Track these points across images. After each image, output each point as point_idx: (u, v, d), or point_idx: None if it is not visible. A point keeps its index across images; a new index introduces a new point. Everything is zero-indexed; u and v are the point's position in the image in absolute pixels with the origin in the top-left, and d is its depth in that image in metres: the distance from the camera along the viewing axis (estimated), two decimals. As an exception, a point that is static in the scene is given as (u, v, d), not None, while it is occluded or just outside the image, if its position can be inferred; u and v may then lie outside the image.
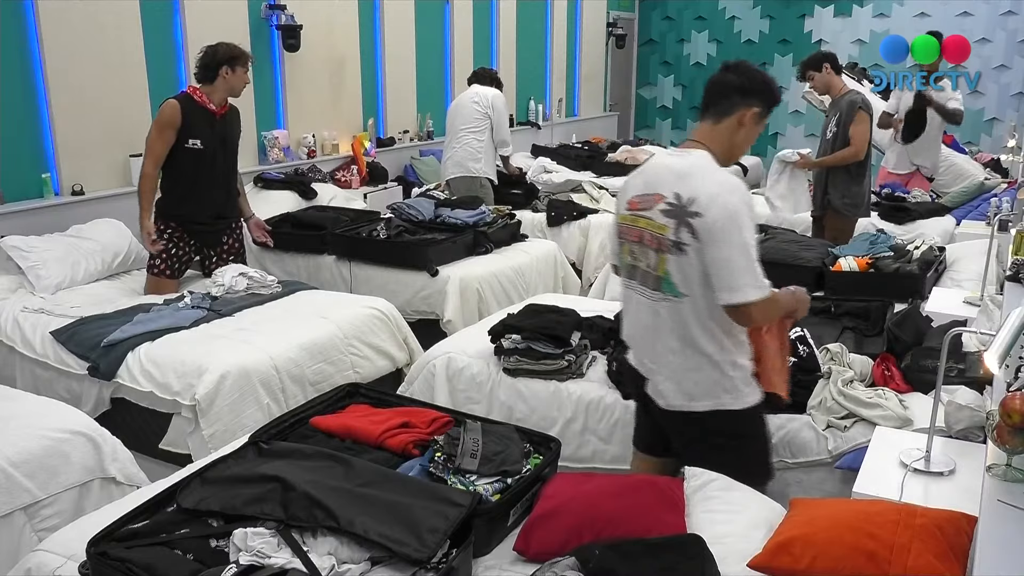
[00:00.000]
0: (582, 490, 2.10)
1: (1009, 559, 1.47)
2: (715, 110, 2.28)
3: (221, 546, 1.90)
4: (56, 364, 3.47)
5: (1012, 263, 3.11)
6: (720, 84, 2.29)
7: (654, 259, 2.25)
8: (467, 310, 4.35)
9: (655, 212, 2.23)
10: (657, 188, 2.24)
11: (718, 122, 2.28)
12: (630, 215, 2.33)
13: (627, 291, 2.41)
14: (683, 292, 2.21)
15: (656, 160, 2.38)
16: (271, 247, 4.77)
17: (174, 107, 3.98)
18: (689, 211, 2.15)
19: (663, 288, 2.24)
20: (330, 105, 6.49)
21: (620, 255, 2.42)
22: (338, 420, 2.47)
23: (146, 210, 4.07)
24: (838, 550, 1.75)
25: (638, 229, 2.29)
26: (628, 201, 2.34)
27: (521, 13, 8.59)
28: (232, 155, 4.25)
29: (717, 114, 2.28)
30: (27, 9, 4.43)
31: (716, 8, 10.36)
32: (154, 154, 4.02)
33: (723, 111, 2.27)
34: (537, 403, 3.09)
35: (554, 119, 9.31)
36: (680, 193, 2.17)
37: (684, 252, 2.17)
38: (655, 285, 2.26)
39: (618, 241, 2.42)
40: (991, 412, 1.81)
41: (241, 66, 4.06)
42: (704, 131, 2.31)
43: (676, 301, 2.23)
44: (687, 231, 2.16)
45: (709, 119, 2.30)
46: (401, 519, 1.88)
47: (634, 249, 2.32)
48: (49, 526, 2.52)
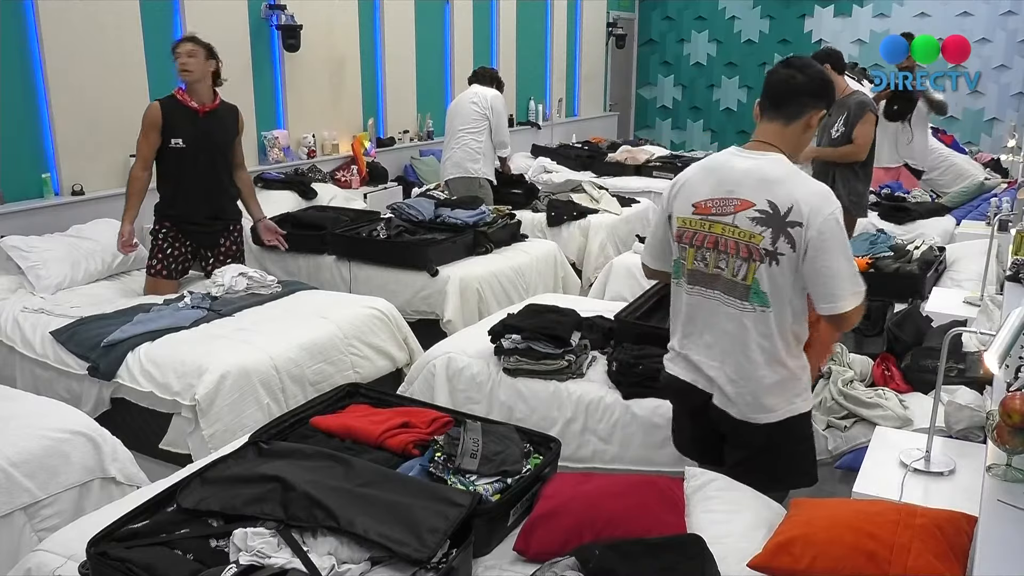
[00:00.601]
0: (582, 490, 2.10)
1: (1009, 559, 1.47)
2: (786, 111, 2.21)
3: (221, 546, 1.90)
4: (56, 364, 3.47)
5: (1012, 263, 3.11)
6: (790, 85, 2.20)
7: (742, 268, 2.17)
8: (467, 310, 4.35)
9: (741, 219, 2.15)
10: (739, 193, 2.16)
11: (788, 124, 2.21)
12: (698, 219, 2.23)
13: (695, 298, 2.28)
14: (772, 302, 2.16)
15: (725, 161, 2.26)
16: (282, 249, 4.66)
17: (154, 108, 4.00)
18: (788, 220, 2.10)
19: (751, 298, 2.17)
20: (330, 105, 6.49)
21: (680, 260, 2.30)
22: (338, 420, 2.47)
23: (129, 211, 4.08)
24: (838, 550, 1.75)
25: (712, 235, 2.20)
26: (695, 204, 2.23)
27: (521, 13, 8.59)
28: (221, 153, 4.18)
29: (788, 116, 2.21)
30: (27, 9, 4.43)
31: (716, 8, 10.36)
32: (141, 156, 4.06)
33: (794, 113, 2.20)
34: (537, 403, 3.08)
35: (554, 119, 9.32)
36: (774, 201, 2.11)
37: (778, 262, 2.12)
38: (742, 295, 2.18)
39: (678, 245, 2.29)
40: (991, 412, 1.81)
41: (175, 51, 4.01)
42: (775, 132, 2.23)
43: (763, 311, 2.17)
44: (785, 241, 2.10)
45: (779, 120, 2.22)
46: (401, 519, 1.88)
47: (707, 255, 2.22)
48: (49, 526, 2.52)
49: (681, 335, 2.36)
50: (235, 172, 4.31)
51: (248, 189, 4.42)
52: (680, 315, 2.35)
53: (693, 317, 2.31)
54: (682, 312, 2.34)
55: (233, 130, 4.24)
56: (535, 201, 6.10)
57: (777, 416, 2.23)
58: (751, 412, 2.23)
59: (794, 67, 2.22)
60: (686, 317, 2.33)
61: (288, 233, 4.75)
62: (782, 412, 2.23)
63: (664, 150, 8.71)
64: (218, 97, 4.16)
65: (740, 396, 2.23)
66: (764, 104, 2.25)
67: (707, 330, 2.27)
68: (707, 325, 2.27)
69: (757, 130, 2.27)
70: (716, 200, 2.21)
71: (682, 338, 2.35)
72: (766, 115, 2.25)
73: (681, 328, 2.35)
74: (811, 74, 2.21)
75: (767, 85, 2.25)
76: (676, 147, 10.25)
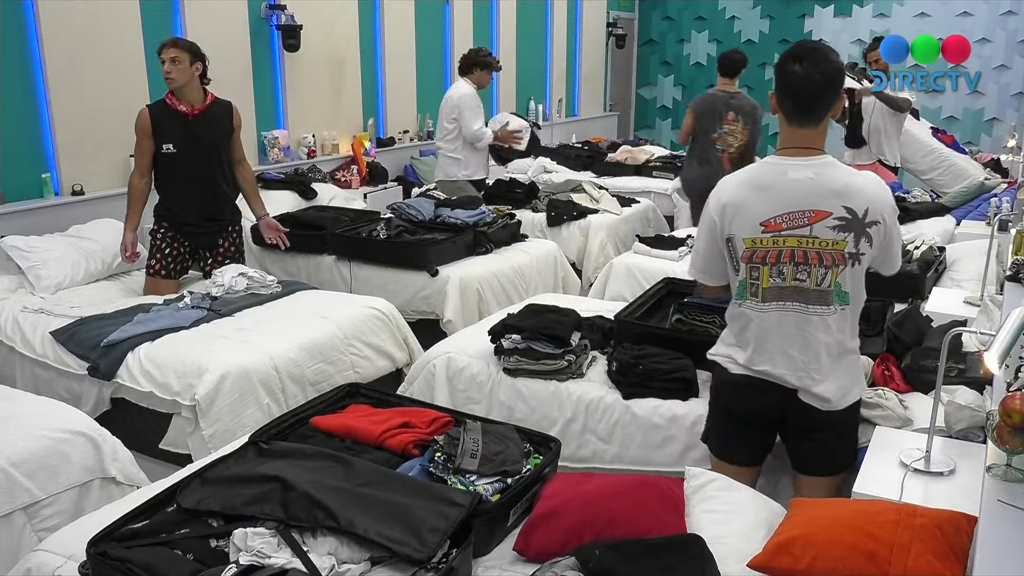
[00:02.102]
0: (582, 490, 2.10)
1: (1009, 559, 1.47)
2: (816, 115, 2.23)
3: (221, 546, 1.90)
4: (56, 364, 3.47)
5: (1012, 263, 3.11)
6: (813, 87, 2.19)
7: (824, 275, 2.21)
8: (467, 310, 4.35)
9: (820, 229, 2.19)
10: (810, 205, 2.19)
11: (820, 124, 2.25)
12: (769, 236, 2.23)
13: (772, 315, 2.27)
14: (851, 299, 2.25)
15: (777, 174, 2.24)
16: (282, 248, 4.62)
17: (143, 115, 4.01)
18: (867, 222, 2.19)
19: (834, 300, 2.23)
20: (330, 105, 6.49)
21: (751, 280, 2.28)
22: (338, 420, 2.47)
23: (130, 219, 4.09)
24: (838, 550, 1.75)
25: (788, 248, 2.21)
26: (763, 224, 2.23)
27: (521, 13, 8.60)
28: (216, 154, 4.14)
29: (818, 118, 2.24)
30: (27, 9, 4.44)
31: (716, 8, 10.36)
32: (137, 163, 4.07)
33: (822, 114, 2.24)
34: (537, 403, 3.08)
35: (554, 119, 9.32)
36: (852, 207, 2.18)
37: (860, 261, 2.22)
38: (826, 300, 2.23)
39: (747, 265, 2.27)
40: (991, 412, 1.81)
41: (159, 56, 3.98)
42: (811, 136, 2.24)
43: (843, 309, 2.25)
44: (866, 241, 2.20)
45: (811, 125, 2.24)
46: (401, 519, 1.88)
47: (784, 269, 2.23)
48: (49, 526, 2.52)
49: (753, 352, 2.34)
50: (236, 169, 4.28)
51: (250, 186, 4.39)
52: (750, 334, 2.33)
53: (769, 333, 2.30)
54: (753, 331, 2.32)
55: (228, 128, 4.19)
56: (535, 201, 6.10)
57: (853, 397, 2.35)
58: (837, 399, 2.30)
59: (808, 65, 2.19)
60: (760, 335, 2.31)
61: (288, 233, 4.74)
62: (856, 393, 2.36)
63: (664, 150, 8.71)
64: (210, 96, 4.11)
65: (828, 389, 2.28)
66: (789, 109, 2.23)
67: (787, 342, 2.28)
68: (786, 337, 2.28)
69: (791, 135, 2.26)
70: (785, 215, 2.21)
71: (754, 354, 2.34)
72: (795, 121, 2.24)
73: (754, 346, 2.33)
74: (825, 69, 2.18)
75: (788, 88, 2.22)
76: (676, 147, 10.24)
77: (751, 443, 2.49)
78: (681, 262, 4.59)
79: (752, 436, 2.48)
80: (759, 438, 2.48)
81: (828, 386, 2.29)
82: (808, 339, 2.26)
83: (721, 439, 2.56)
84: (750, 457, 2.51)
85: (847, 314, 2.28)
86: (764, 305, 2.28)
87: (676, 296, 3.63)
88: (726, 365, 2.42)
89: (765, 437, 2.48)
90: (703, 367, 2.98)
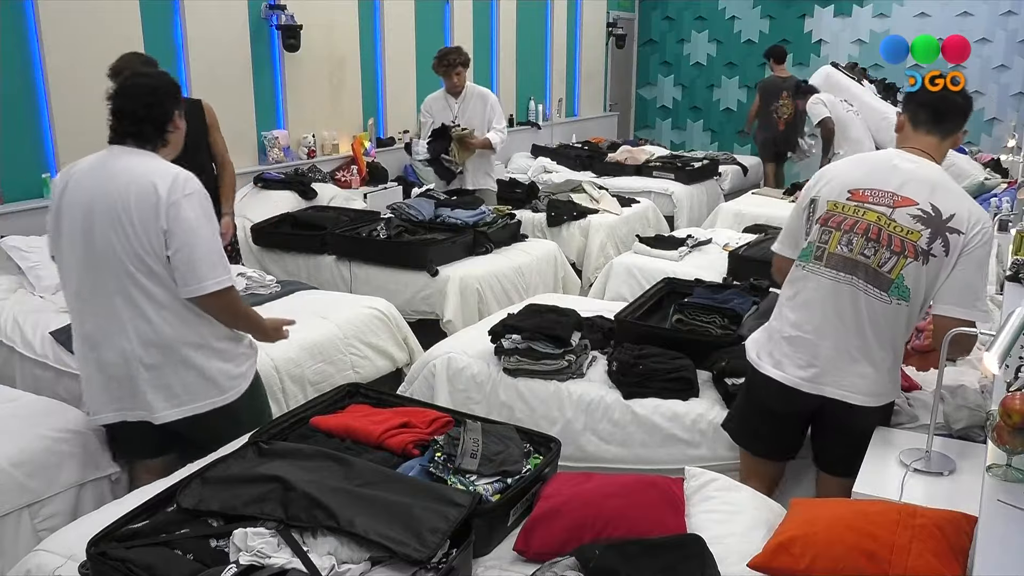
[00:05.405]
0: (582, 490, 2.10)
1: (1009, 559, 1.47)
2: (944, 128, 2.34)
3: (221, 546, 1.90)
4: (56, 364, 3.46)
5: (1012, 263, 3.11)
6: (955, 105, 2.34)
7: (891, 260, 2.23)
8: (467, 310, 4.35)
9: (900, 214, 2.23)
10: (901, 191, 2.26)
11: (944, 140, 2.35)
12: (853, 204, 2.30)
13: (827, 281, 2.31)
14: (911, 299, 2.24)
15: (884, 157, 2.39)
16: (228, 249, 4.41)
17: None
18: (949, 226, 2.20)
19: (892, 291, 2.24)
20: (330, 105, 6.49)
21: (819, 243, 2.34)
22: (338, 420, 2.47)
23: None
24: (838, 550, 1.75)
25: (865, 221, 2.27)
26: (851, 191, 2.31)
27: (521, 13, 8.59)
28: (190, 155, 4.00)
29: (945, 132, 2.35)
30: (27, 9, 4.43)
31: (716, 8, 10.36)
32: None
33: (950, 131, 2.35)
34: (537, 403, 3.08)
35: (554, 119, 9.31)
36: (937, 205, 2.22)
37: (928, 262, 2.21)
38: (884, 285, 2.25)
39: (820, 227, 2.34)
40: (991, 412, 1.81)
41: None
42: (932, 145, 2.35)
43: (899, 305, 2.25)
44: (941, 244, 2.20)
45: (937, 135, 2.35)
46: (401, 519, 1.88)
47: (853, 240, 2.28)
48: (49, 526, 2.51)
49: (795, 318, 2.37)
50: (217, 166, 4.22)
51: (226, 181, 4.27)
52: (802, 298, 2.37)
53: (818, 300, 2.33)
54: (807, 295, 2.35)
55: (201, 127, 4.08)
56: (535, 201, 6.11)
57: (886, 399, 2.36)
58: (868, 395, 2.31)
59: (953, 87, 2.33)
60: (808, 299, 2.35)
61: (288, 233, 4.73)
62: (889, 395, 2.37)
63: (664, 150, 8.71)
64: None
65: (863, 382, 2.30)
66: (919, 117, 2.35)
67: (836, 312, 2.30)
68: (837, 308, 2.30)
69: (912, 139, 2.37)
70: (874, 190, 2.29)
71: (796, 320, 2.36)
72: (923, 127, 2.35)
73: (800, 310, 2.36)
74: (966, 96, 2.36)
75: (926, 100, 2.34)
76: (676, 147, 10.25)
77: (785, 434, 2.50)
78: (681, 262, 4.60)
79: (780, 429, 2.49)
80: (787, 432, 2.49)
81: (862, 378, 2.29)
82: (857, 314, 2.28)
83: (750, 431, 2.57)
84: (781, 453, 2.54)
85: (900, 312, 2.26)
86: (825, 270, 2.32)
87: (676, 296, 3.64)
88: (757, 366, 2.45)
89: (793, 433, 2.49)
90: (703, 367, 2.99)
